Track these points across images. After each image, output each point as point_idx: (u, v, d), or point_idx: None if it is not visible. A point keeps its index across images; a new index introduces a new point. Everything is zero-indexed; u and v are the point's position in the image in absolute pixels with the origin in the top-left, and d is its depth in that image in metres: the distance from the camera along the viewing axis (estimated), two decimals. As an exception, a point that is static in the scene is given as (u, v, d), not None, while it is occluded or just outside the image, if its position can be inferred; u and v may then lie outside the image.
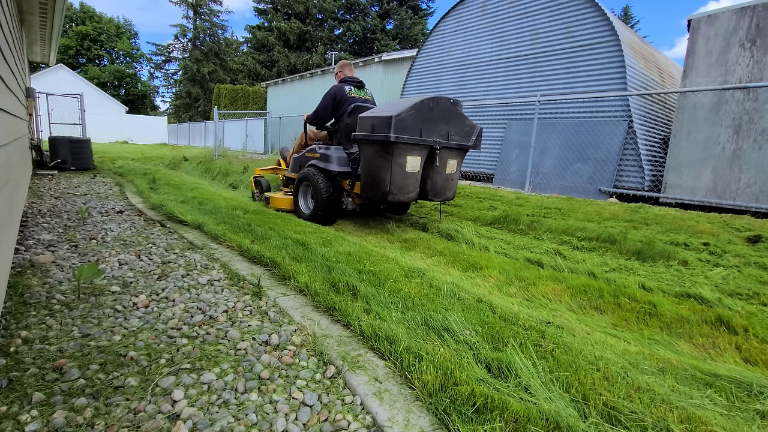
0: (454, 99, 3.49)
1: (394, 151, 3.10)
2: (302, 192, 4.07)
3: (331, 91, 4.09)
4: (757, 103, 5.27)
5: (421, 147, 3.26)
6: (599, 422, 1.11)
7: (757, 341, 1.78)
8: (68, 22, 39.62)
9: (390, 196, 3.20)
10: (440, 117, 3.37)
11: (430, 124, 3.29)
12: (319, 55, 32.76)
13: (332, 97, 4.05)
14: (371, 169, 3.26)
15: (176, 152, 13.68)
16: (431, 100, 3.27)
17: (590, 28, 7.28)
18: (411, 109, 3.11)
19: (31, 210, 3.67)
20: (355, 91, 4.16)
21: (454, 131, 3.48)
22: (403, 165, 3.20)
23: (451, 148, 3.48)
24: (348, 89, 4.11)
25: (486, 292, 2.22)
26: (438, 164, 3.42)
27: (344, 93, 4.07)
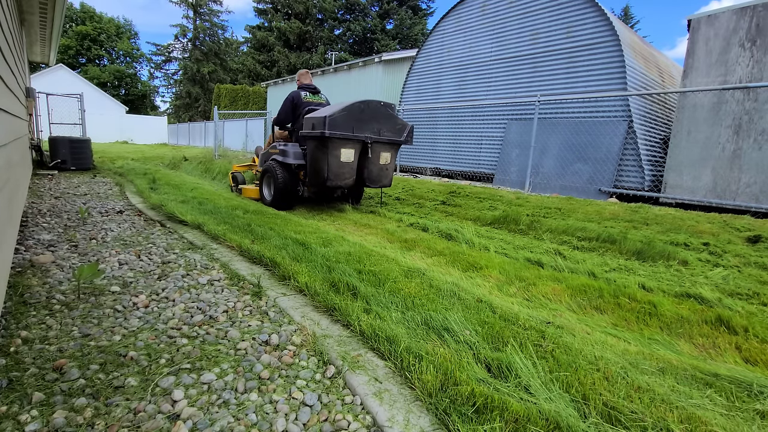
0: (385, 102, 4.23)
1: (329, 144, 3.84)
2: (266, 183, 4.71)
3: (289, 97, 4.75)
4: (757, 103, 5.27)
5: (353, 141, 3.99)
6: (599, 422, 1.11)
7: (757, 341, 1.78)
8: (68, 22, 39.62)
9: (328, 182, 3.96)
10: (371, 117, 4.05)
11: (362, 123, 3.99)
12: (319, 55, 32.75)
13: (290, 101, 4.73)
14: (313, 160, 4.05)
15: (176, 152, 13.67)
16: (362, 102, 3.99)
17: (590, 28, 7.28)
18: (343, 111, 3.81)
19: (31, 210, 3.67)
20: (310, 96, 4.83)
21: (386, 128, 4.22)
22: (338, 156, 3.93)
23: (382, 143, 4.22)
24: (304, 94, 4.78)
25: (486, 292, 2.22)
26: (371, 156, 4.18)
27: (300, 98, 4.72)
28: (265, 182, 4.71)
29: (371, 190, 6.04)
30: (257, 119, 19.11)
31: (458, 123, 9.71)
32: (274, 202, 4.47)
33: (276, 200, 4.45)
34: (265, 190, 4.73)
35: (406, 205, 5.11)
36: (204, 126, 24.06)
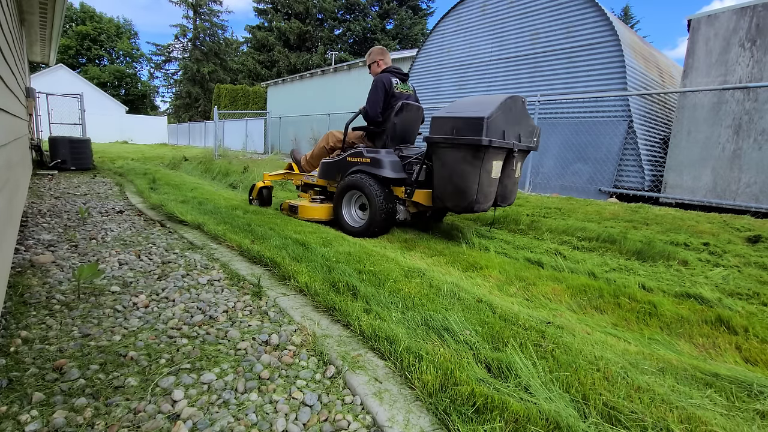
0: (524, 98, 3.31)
1: (485, 155, 2.79)
2: (347, 202, 3.58)
3: (379, 82, 3.51)
4: (757, 103, 5.27)
5: (503, 150, 3.01)
6: (599, 422, 1.11)
7: (758, 341, 1.78)
8: (68, 22, 39.63)
9: (476, 205, 2.92)
10: (517, 118, 3.15)
11: (509, 126, 3.03)
12: (319, 55, 32.76)
13: (383, 89, 3.50)
14: (454, 176, 2.93)
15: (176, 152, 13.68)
16: (511, 99, 3.01)
17: (590, 28, 7.28)
18: (499, 110, 2.84)
19: (31, 210, 3.67)
20: (401, 84, 3.62)
21: (524, 132, 3.26)
22: (490, 171, 2.92)
23: (522, 151, 3.26)
24: (395, 82, 3.57)
25: (486, 292, 2.22)
26: (513, 168, 3.21)
27: (393, 86, 3.53)
28: (345, 201, 3.58)
29: None
30: (257, 119, 19.13)
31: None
32: (369, 230, 3.35)
33: (372, 227, 3.33)
34: (344, 211, 3.59)
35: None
36: (204, 126, 24.08)
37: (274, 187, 5.29)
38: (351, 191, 3.51)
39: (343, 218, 3.57)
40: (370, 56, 3.83)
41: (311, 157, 4.19)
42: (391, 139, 3.58)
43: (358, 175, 3.43)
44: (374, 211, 3.27)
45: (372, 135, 3.76)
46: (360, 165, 3.47)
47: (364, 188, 3.34)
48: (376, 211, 3.25)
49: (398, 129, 3.54)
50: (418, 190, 3.28)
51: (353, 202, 3.60)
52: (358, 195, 3.51)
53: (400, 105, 3.47)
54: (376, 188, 3.28)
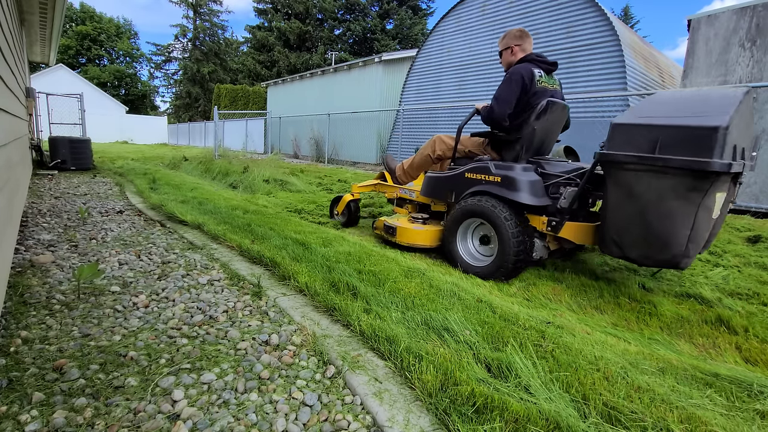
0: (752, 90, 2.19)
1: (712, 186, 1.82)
2: (463, 232, 2.76)
3: (518, 75, 2.61)
4: (757, 103, 5.28)
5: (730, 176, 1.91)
6: (599, 422, 1.11)
7: (758, 341, 1.78)
8: (68, 22, 39.63)
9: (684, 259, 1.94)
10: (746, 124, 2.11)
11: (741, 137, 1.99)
12: (319, 55, 32.76)
13: (519, 84, 2.60)
14: (651, 215, 1.96)
15: (176, 152, 13.68)
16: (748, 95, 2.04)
17: (590, 28, 7.28)
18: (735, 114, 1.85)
19: (31, 210, 3.67)
20: (545, 78, 2.69)
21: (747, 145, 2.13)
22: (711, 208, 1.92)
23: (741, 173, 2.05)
24: (538, 74, 2.64)
25: (486, 292, 2.22)
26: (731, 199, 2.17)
27: (534, 80, 2.62)
28: (461, 231, 2.75)
29: None
30: (257, 119, 19.13)
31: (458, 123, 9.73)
32: (495, 272, 2.49)
33: (499, 268, 2.46)
34: (459, 243, 2.76)
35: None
36: (204, 126, 24.08)
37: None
38: (471, 219, 2.68)
39: (458, 252, 2.74)
40: (504, 40, 2.86)
41: (410, 166, 3.44)
42: (526, 150, 2.68)
43: (483, 198, 2.57)
44: (506, 248, 2.41)
45: (498, 143, 2.85)
46: (485, 184, 2.62)
47: (492, 217, 2.48)
48: (509, 249, 2.40)
49: (537, 136, 2.67)
50: (570, 222, 2.39)
51: (472, 232, 2.78)
52: (478, 223, 2.70)
53: (544, 104, 2.56)
54: (511, 218, 2.42)
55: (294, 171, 8.37)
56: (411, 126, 11.09)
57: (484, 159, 2.79)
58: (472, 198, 2.65)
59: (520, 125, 2.66)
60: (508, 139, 2.73)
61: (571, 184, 2.46)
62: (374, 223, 3.41)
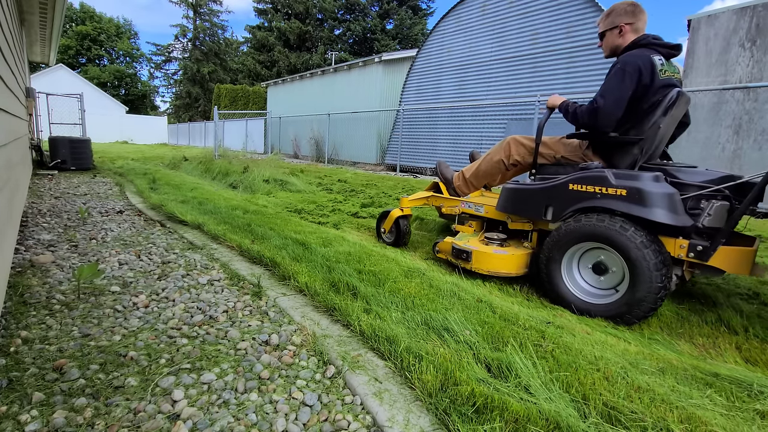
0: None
1: None
2: (569, 258, 2.19)
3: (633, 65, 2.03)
4: (757, 103, 5.28)
5: None
6: (599, 422, 1.11)
7: (758, 341, 1.78)
8: (68, 22, 39.64)
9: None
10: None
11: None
12: (319, 55, 32.77)
13: (635, 78, 2.03)
14: None
15: (176, 152, 13.68)
16: None
17: (590, 28, 7.28)
18: None
19: (31, 210, 3.67)
20: (666, 65, 2.11)
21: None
22: None
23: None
24: (659, 63, 2.06)
25: (486, 292, 2.21)
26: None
27: (655, 70, 2.04)
28: (566, 259, 2.18)
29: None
30: (257, 119, 19.14)
31: (458, 123, 9.71)
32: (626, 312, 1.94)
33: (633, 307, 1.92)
34: (565, 273, 2.19)
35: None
36: (204, 126, 24.09)
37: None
38: (583, 243, 2.11)
39: (564, 285, 2.18)
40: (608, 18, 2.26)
41: (473, 175, 2.88)
42: (645, 153, 2.15)
43: (604, 217, 2.01)
44: (644, 282, 1.87)
45: (604, 146, 2.30)
46: (601, 199, 2.04)
47: (620, 241, 1.93)
48: (649, 284, 1.85)
49: (660, 137, 2.14)
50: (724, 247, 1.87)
51: (581, 259, 2.20)
52: (594, 248, 2.12)
53: (673, 97, 2.04)
54: (650, 244, 1.88)
55: (294, 171, 8.37)
56: (411, 126, 11.09)
57: (592, 166, 2.19)
58: (587, 217, 2.07)
59: (640, 123, 2.12)
60: (622, 140, 2.16)
61: (718, 197, 1.92)
62: (436, 245, 2.86)
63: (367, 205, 5.06)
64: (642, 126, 2.11)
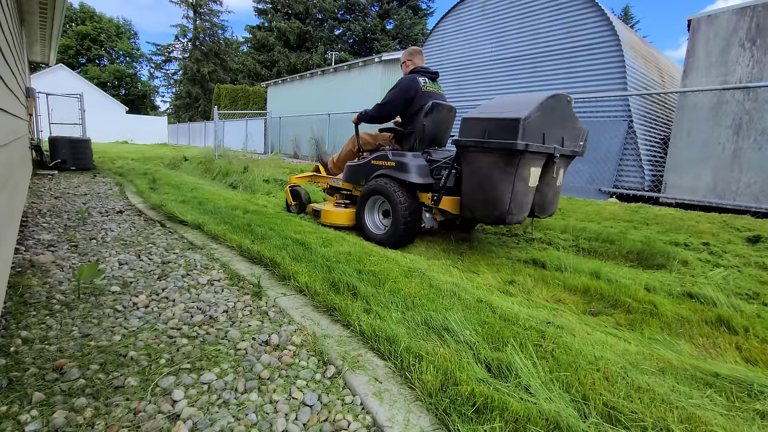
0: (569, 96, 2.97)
1: (520, 161, 2.50)
2: (369, 207, 3.36)
3: (404, 84, 3.34)
4: (757, 103, 5.27)
5: (541, 156, 2.69)
6: (599, 422, 1.11)
7: (758, 341, 1.78)
8: (68, 22, 39.62)
9: (509, 216, 2.61)
10: (560, 119, 2.85)
11: (550, 128, 2.73)
12: (319, 55, 32.76)
13: (404, 90, 3.32)
14: (485, 184, 2.66)
15: (176, 152, 13.68)
16: (553, 97, 2.73)
17: (590, 28, 7.28)
18: (537, 110, 2.56)
19: (31, 210, 3.67)
20: (429, 83, 3.43)
21: (568, 135, 2.92)
22: (526, 179, 2.61)
23: (565, 156, 2.92)
24: (423, 81, 3.37)
25: (486, 292, 2.21)
26: (554, 175, 2.89)
27: (419, 86, 3.33)
28: (368, 207, 3.36)
29: None
30: (257, 119, 19.13)
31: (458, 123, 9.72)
32: (393, 238, 3.08)
33: (394, 235, 3.06)
34: (367, 217, 3.37)
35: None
36: (204, 126, 24.08)
37: None
38: (374, 196, 3.27)
39: (366, 225, 3.34)
40: (403, 57, 3.68)
41: (338, 159, 4.01)
42: (420, 142, 3.29)
43: (382, 179, 3.17)
44: (397, 218, 3.01)
45: (400, 137, 3.52)
46: (384, 168, 3.23)
47: (387, 194, 3.09)
48: (399, 219, 3.00)
49: (428, 131, 3.26)
50: (446, 197, 2.96)
51: (377, 208, 3.36)
52: (381, 200, 3.26)
53: (430, 105, 3.21)
54: (401, 194, 3.01)
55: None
56: (411, 126, 11.09)
57: (386, 149, 3.45)
58: (375, 180, 3.25)
59: (412, 122, 3.36)
60: (405, 132, 3.44)
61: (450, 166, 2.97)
62: (306, 208, 4.13)
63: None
64: (414, 123, 3.35)
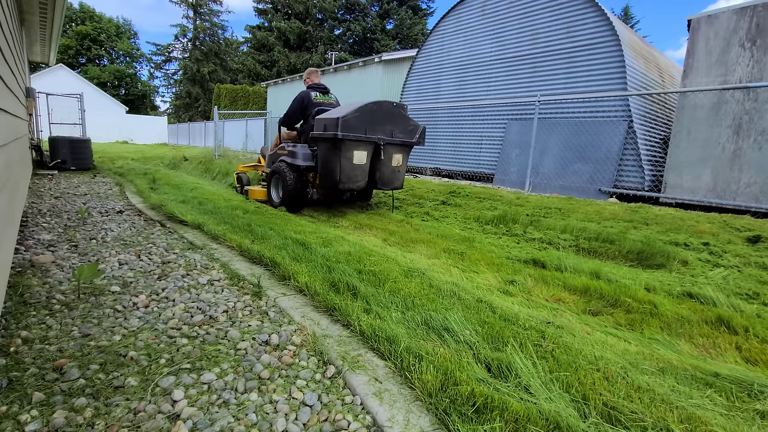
0: (397, 103, 4.16)
1: (342, 146, 3.79)
2: (274, 184, 4.64)
3: (299, 96, 4.61)
4: (757, 103, 5.27)
5: (366, 143, 3.94)
6: (599, 422, 1.11)
7: (758, 341, 1.78)
8: (68, 22, 39.61)
9: (341, 184, 3.93)
10: (384, 118, 4.01)
11: (374, 124, 3.93)
12: (319, 55, 32.75)
13: (300, 101, 4.59)
14: (325, 162, 4.01)
15: (176, 152, 13.68)
16: (374, 103, 3.94)
17: (590, 28, 7.28)
18: (356, 112, 3.74)
19: (31, 210, 3.67)
20: (321, 96, 4.68)
21: (399, 130, 4.16)
22: (350, 158, 3.89)
23: (395, 144, 4.17)
24: (314, 95, 4.62)
25: (486, 292, 2.21)
26: (384, 158, 4.12)
27: (311, 98, 4.57)
28: (273, 184, 4.62)
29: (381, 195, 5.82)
30: (257, 119, 19.11)
31: (458, 123, 9.71)
32: (283, 204, 4.41)
33: (285, 202, 4.36)
34: (273, 191, 4.64)
35: (407, 205, 5.11)
36: (204, 126, 24.07)
37: None
38: (276, 175, 4.52)
39: (271, 196, 4.70)
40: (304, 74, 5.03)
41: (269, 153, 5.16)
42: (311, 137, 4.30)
43: (280, 163, 4.40)
44: (287, 190, 4.28)
45: (299, 134, 4.78)
46: (283, 156, 4.45)
47: (282, 173, 4.31)
48: (287, 190, 4.27)
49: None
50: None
51: (278, 184, 4.55)
52: (279, 178, 4.44)
53: (316, 110, 4.41)
54: (290, 173, 4.23)
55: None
56: (411, 126, 11.09)
57: (288, 143, 4.68)
58: (276, 164, 4.48)
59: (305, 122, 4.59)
60: (300, 131, 4.75)
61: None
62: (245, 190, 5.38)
63: (364, 206, 5.06)
64: (305, 124, 4.61)
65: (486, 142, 8.97)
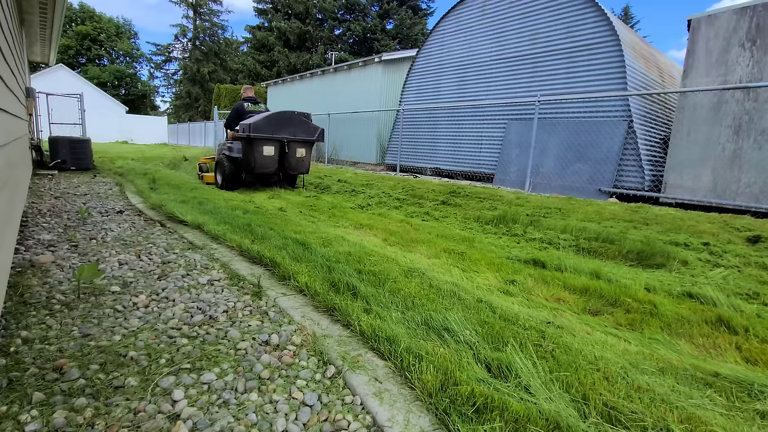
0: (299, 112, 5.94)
1: (254, 143, 5.48)
2: (218, 170, 6.20)
3: (236, 107, 6.29)
4: (757, 103, 5.27)
5: (273, 140, 5.63)
6: (599, 422, 1.11)
7: (758, 341, 1.78)
8: (68, 22, 39.60)
9: (255, 169, 5.62)
10: (288, 123, 5.74)
11: (280, 127, 5.68)
12: (319, 55, 32.75)
13: (236, 110, 6.24)
14: (245, 153, 5.66)
15: (176, 152, 13.68)
16: (279, 112, 5.69)
17: (590, 28, 7.28)
18: (263, 119, 5.46)
19: (31, 210, 3.67)
20: (252, 106, 6.35)
21: (301, 131, 5.90)
22: (261, 151, 5.56)
23: (297, 141, 5.89)
24: (247, 105, 6.31)
25: (486, 292, 2.21)
26: (289, 151, 5.85)
27: (244, 108, 6.24)
28: (218, 170, 6.17)
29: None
30: (257, 119, 19.05)
31: (458, 123, 9.71)
32: (223, 185, 5.93)
33: (225, 183, 5.91)
34: (218, 176, 6.20)
35: (407, 205, 5.11)
36: (204, 126, 24.07)
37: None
38: (219, 164, 6.12)
39: (216, 180, 6.27)
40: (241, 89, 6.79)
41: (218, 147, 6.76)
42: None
43: (221, 155, 6.00)
44: (224, 174, 5.91)
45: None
46: (224, 150, 6.01)
47: (221, 162, 5.96)
48: (224, 175, 5.91)
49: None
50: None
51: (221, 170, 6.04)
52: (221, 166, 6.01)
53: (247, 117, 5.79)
54: (227, 162, 5.83)
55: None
56: (411, 126, 11.09)
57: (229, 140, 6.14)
58: (219, 155, 6.08)
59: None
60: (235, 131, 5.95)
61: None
62: (201, 175, 6.93)
63: (365, 206, 5.06)
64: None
65: (486, 142, 8.97)
